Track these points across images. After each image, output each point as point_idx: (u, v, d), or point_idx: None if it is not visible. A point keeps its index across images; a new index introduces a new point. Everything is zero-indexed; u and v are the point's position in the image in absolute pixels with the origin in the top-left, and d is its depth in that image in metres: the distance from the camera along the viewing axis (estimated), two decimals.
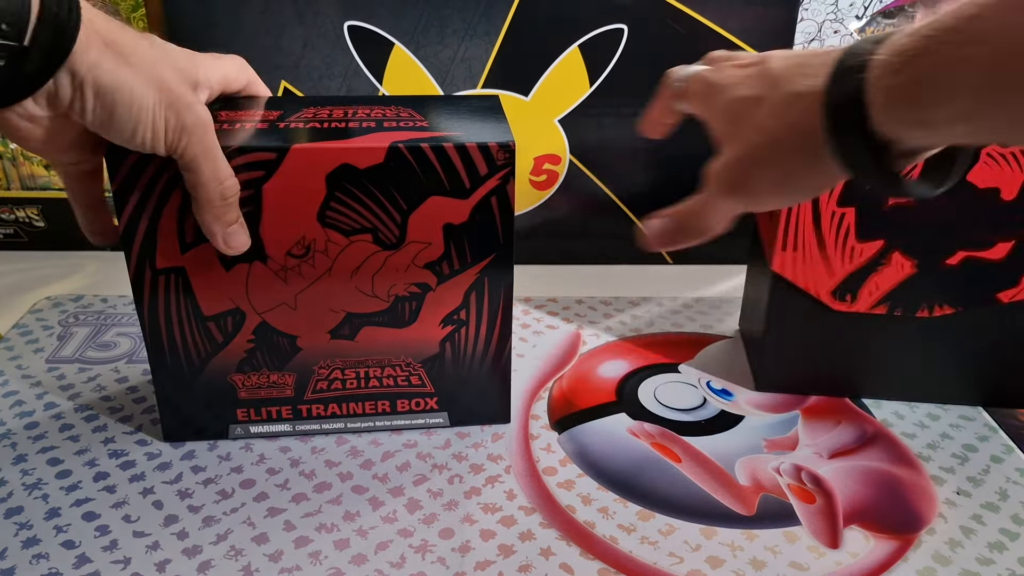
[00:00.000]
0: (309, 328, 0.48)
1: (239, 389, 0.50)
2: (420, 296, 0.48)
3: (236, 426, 0.51)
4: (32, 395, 0.55)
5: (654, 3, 0.68)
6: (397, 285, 0.48)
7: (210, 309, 0.47)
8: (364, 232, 0.46)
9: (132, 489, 0.47)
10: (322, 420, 0.52)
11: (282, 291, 0.47)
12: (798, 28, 0.72)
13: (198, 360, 0.48)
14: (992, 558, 0.44)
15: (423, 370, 0.51)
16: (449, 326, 0.49)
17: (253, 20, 0.68)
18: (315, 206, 0.44)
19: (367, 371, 0.50)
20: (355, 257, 0.46)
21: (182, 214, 0.44)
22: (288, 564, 0.43)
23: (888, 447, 0.53)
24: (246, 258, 0.45)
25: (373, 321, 0.48)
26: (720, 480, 0.50)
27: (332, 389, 0.51)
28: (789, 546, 0.45)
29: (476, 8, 0.68)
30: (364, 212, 0.45)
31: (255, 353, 0.49)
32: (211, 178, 0.41)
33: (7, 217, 0.75)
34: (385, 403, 0.52)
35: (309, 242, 0.45)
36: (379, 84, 0.70)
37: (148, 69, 0.38)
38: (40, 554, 0.43)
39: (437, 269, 0.47)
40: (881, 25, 0.80)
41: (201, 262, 0.45)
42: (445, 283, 0.48)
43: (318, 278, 0.47)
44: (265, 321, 0.48)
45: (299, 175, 0.43)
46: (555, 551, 0.44)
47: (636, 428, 0.54)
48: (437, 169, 0.44)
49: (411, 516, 0.46)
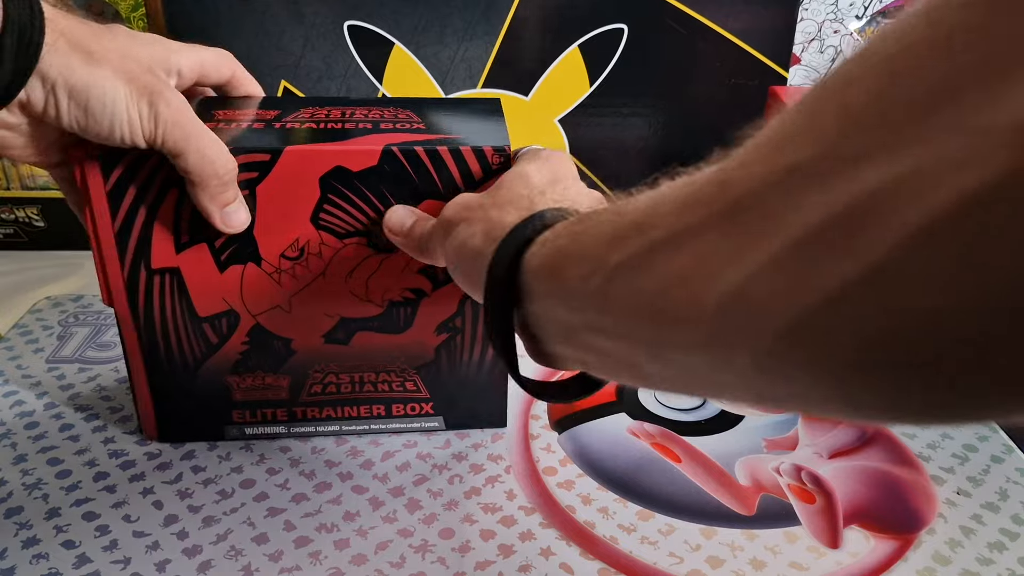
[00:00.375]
0: (303, 331, 0.48)
1: (234, 390, 0.50)
2: (415, 302, 0.48)
3: (232, 427, 0.51)
4: (32, 395, 0.55)
5: (654, 3, 0.68)
6: (392, 290, 0.47)
7: (205, 310, 0.47)
8: (358, 235, 0.45)
9: (132, 489, 0.47)
10: (317, 423, 0.52)
11: (276, 293, 0.47)
12: (798, 28, 0.72)
13: (193, 361, 0.48)
14: (992, 558, 0.44)
15: (418, 376, 0.50)
16: (444, 333, 0.49)
17: (253, 20, 0.68)
18: (309, 208, 0.44)
19: (362, 376, 0.50)
20: (349, 260, 0.46)
21: (178, 213, 0.44)
22: (288, 564, 0.43)
23: (888, 447, 0.53)
24: (240, 259, 0.45)
25: (367, 326, 0.48)
26: (720, 480, 0.50)
27: (327, 393, 0.50)
28: (789, 546, 0.45)
29: (476, 8, 0.68)
30: (358, 215, 0.45)
31: (250, 355, 0.48)
32: (198, 160, 0.40)
33: (7, 217, 0.75)
34: (380, 407, 0.52)
35: (303, 244, 0.45)
36: (379, 84, 0.70)
37: (116, 62, 0.38)
38: (40, 554, 0.43)
39: (432, 274, 0.47)
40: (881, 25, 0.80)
41: (196, 263, 0.45)
42: (440, 289, 0.47)
43: (312, 280, 0.46)
44: (259, 323, 0.47)
45: (293, 177, 0.43)
46: (555, 551, 0.44)
47: (636, 428, 0.54)
48: (431, 172, 0.44)
49: (411, 516, 0.46)
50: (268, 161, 0.43)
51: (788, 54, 0.72)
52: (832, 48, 0.75)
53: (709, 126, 0.73)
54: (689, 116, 0.73)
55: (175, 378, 0.49)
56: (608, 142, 0.72)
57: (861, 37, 0.76)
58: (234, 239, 0.45)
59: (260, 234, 0.45)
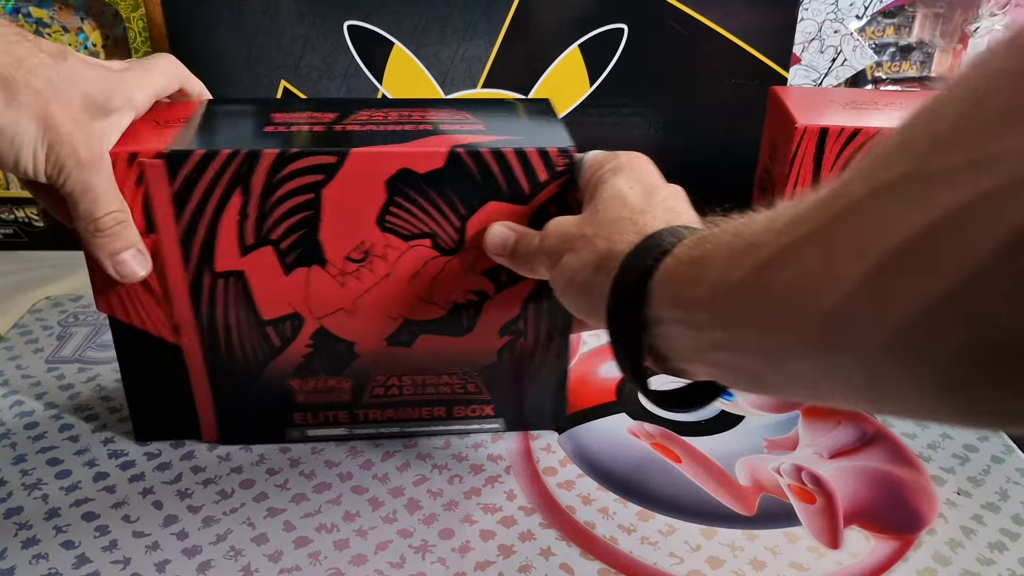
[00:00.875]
0: (366, 334, 0.48)
1: (296, 393, 0.49)
2: (478, 304, 0.47)
3: (293, 429, 0.51)
4: (32, 395, 0.55)
5: (654, 3, 0.68)
6: (455, 292, 0.47)
7: (269, 313, 0.46)
8: (423, 237, 0.45)
9: (132, 489, 0.47)
10: (379, 424, 0.51)
11: (340, 296, 0.46)
12: (798, 28, 0.72)
13: (256, 364, 0.48)
14: (992, 558, 0.44)
15: (480, 378, 0.50)
16: (507, 336, 0.49)
17: (253, 20, 0.68)
18: (375, 210, 0.44)
19: (424, 378, 0.50)
20: (414, 262, 0.46)
21: (244, 214, 0.43)
22: (288, 564, 0.43)
23: (888, 447, 0.53)
24: (305, 262, 0.45)
25: (430, 329, 0.48)
26: (720, 480, 0.50)
27: (389, 395, 0.50)
28: (789, 546, 0.45)
29: (476, 8, 0.68)
30: (423, 217, 0.44)
31: (313, 358, 0.48)
32: (85, 214, 0.41)
33: (7, 217, 0.75)
34: (442, 409, 0.51)
35: (368, 247, 0.45)
36: (379, 84, 0.70)
37: (37, 105, 0.39)
38: (40, 554, 0.43)
39: (495, 276, 0.46)
40: (881, 25, 0.80)
41: (261, 265, 0.45)
42: (503, 292, 0.47)
43: (376, 283, 0.46)
44: (323, 326, 0.47)
45: (359, 179, 0.43)
46: (555, 551, 0.44)
47: (636, 428, 0.54)
48: (496, 174, 0.44)
49: (411, 516, 0.46)
50: (334, 163, 0.42)
51: (788, 54, 0.72)
52: (832, 48, 0.75)
53: (709, 126, 0.73)
54: (689, 116, 0.73)
55: (236, 381, 0.48)
56: (608, 142, 0.72)
57: (861, 37, 0.76)
58: (299, 241, 0.44)
59: (325, 237, 0.44)
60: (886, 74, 0.81)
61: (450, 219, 0.45)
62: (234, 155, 0.42)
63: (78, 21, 0.72)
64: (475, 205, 0.44)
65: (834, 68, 0.76)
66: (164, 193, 0.43)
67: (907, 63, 0.81)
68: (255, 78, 0.71)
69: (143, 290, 0.45)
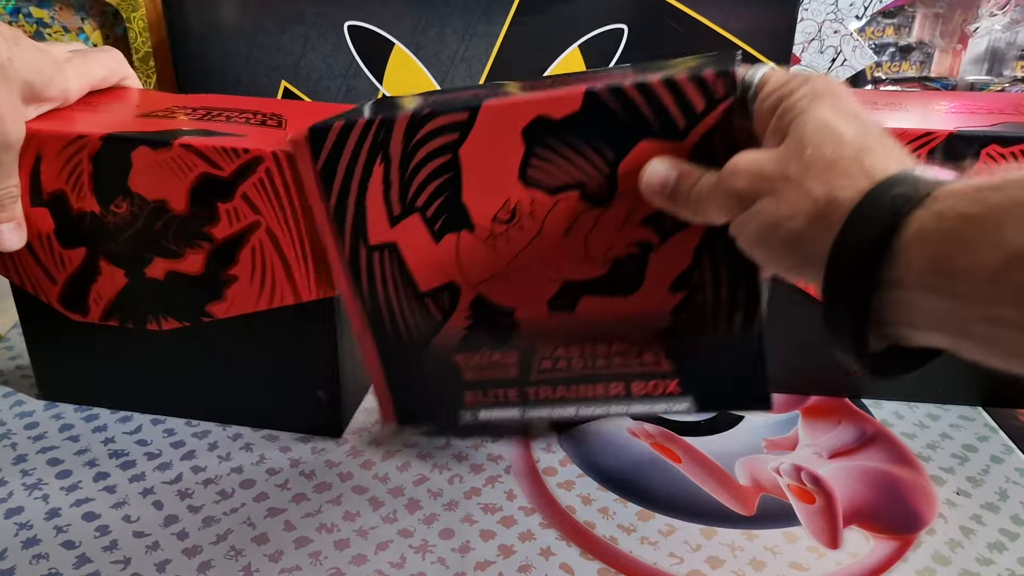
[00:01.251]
0: (525, 299, 0.45)
1: (464, 370, 0.47)
2: (642, 257, 0.42)
3: (466, 411, 0.48)
4: (32, 395, 0.55)
5: (654, 3, 0.68)
6: (614, 245, 0.42)
7: (426, 284, 0.45)
8: (570, 188, 0.41)
9: (132, 489, 0.47)
10: (552, 404, 0.47)
11: (493, 260, 0.44)
12: (798, 28, 0.72)
13: (421, 340, 0.46)
14: (992, 558, 0.44)
15: (657, 345, 0.44)
16: (681, 291, 0.43)
17: (253, 20, 0.68)
18: (515, 165, 0.41)
19: (593, 348, 0.45)
20: (564, 217, 0.42)
21: (387, 183, 0.42)
22: (288, 564, 0.43)
23: (888, 447, 0.53)
24: (453, 228, 0.43)
25: (592, 289, 0.44)
26: (720, 480, 0.50)
27: (558, 368, 0.46)
28: (789, 546, 0.45)
29: (476, 8, 0.68)
30: (567, 165, 0.41)
31: (474, 330, 0.46)
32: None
33: None
34: (619, 386, 0.46)
35: (514, 205, 0.42)
36: (379, 84, 0.70)
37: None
38: (40, 554, 0.43)
39: (658, 224, 0.41)
40: (881, 25, 0.80)
41: (411, 235, 0.44)
42: (669, 240, 0.42)
43: (528, 243, 0.43)
44: (480, 294, 0.45)
45: (494, 134, 0.41)
46: (555, 551, 0.44)
47: (636, 428, 0.54)
48: (643, 110, 0.39)
49: (411, 516, 0.46)
50: (466, 120, 0.41)
51: (788, 54, 0.72)
52: (832, 48, 0.75)
53: None
54: None
55: (405, 359, 0.47)
56: None
57: (861, 37, 0.76)
58: (444, 206, 0.43)
59: (469, 199, 0.42)
60: (886, 74, 0.82)
61: (597, 165, 0.41)
62: (369, 124, 0.41)
63: (78, 21, 0.72)
64: (624, 147, 0.40)
65: (834, 68, 0.77)
66: (311, 171, 0.43)
67: (907, 63, 0.81)
68: (255, 78, 0.71)
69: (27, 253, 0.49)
